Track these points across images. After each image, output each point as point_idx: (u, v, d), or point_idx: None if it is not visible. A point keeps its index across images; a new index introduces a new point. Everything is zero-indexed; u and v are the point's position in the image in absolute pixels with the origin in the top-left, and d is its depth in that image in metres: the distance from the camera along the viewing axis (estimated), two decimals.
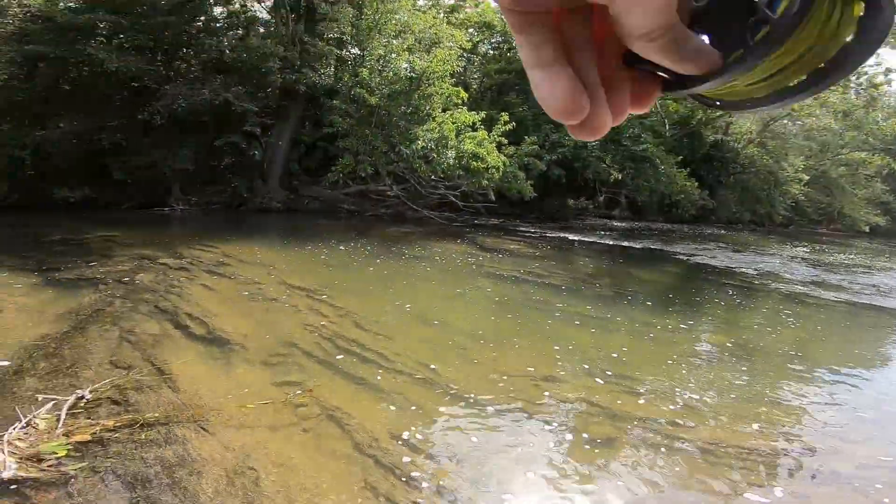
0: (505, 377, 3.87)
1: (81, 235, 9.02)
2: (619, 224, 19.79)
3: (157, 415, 2.80)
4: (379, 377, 3.68)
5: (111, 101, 13.43)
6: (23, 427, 2.49)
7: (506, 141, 14.56)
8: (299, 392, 3.27)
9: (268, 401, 3.13)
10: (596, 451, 2.95)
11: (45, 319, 4.44)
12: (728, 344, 5.26)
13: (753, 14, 0.34)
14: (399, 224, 13.89)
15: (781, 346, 5.29)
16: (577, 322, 5.55)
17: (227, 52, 14.28)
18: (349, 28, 14.28)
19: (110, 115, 12.87)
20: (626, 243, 13.70)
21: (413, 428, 3.02)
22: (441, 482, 2.53)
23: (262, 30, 15.58)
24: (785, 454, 3.06)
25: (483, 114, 14.28)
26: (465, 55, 16.74)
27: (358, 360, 3.95)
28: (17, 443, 2.35)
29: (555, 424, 3.24)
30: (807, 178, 27.94)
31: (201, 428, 2.73)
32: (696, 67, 0.31)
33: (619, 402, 3.60)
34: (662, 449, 3.00)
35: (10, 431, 2.44)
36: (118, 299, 5.15)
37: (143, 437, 2.59)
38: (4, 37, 12.44)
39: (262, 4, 15.98)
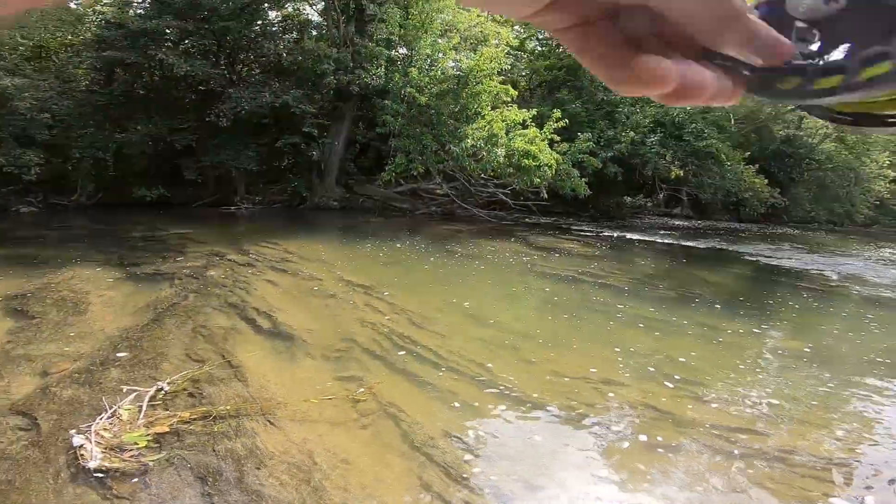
0: (562, 379, 3.78)
1: (158, 232, 9.69)
2: (680, 223, 18.91)
3: (228, 407, 2.95)
4: (434, 375, 3.69)
5: (182, 104, 14.31)
6: (108, 417, 2.68)
7: (558, 138, 14.25)
8: (361, 390, 3.34)
9: (329, 396, 3.22)
10: (659, 455, 2.84)
11: (127, 312, 4.80)
12: (805, 349, 4.90)
13: None
14: (449, 222, 13.94)
15: (864, 354, 4.86)
16: (640, 324, 5.35)
17: (285, 55, 14.83)
18: (397, 28, 14.45)
19: (181, 118, 13.72)
20: (688, 243, 13.07)
21: (468, 427, 3.01)
22: (496, 483, 2.50)
23: (314, 32, 16.06)
24: (862, 464, 2.83)
25: (534, 111, 14.05)
26: (512, 52, 16.52)
27: (413, 358, 3.99)
28: (103, 433, 2.52)
29: (615, 428, 3.14)
30: (893, 174, 25.56)
31: (268, 421, 2.85)
32: (769, 56, 0.30)
33: (684, 407, 3.44)
34: (731, 455, 2.84)
35: (97, 421, 2.63)
36: (192, 293, 5.48)
37: (215, 429, 2.73)
38: (84, 44, 13.55)
39: (314, 7, 16.46)
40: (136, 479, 2.30)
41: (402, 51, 15.44)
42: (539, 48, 20.17)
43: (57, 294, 5.24)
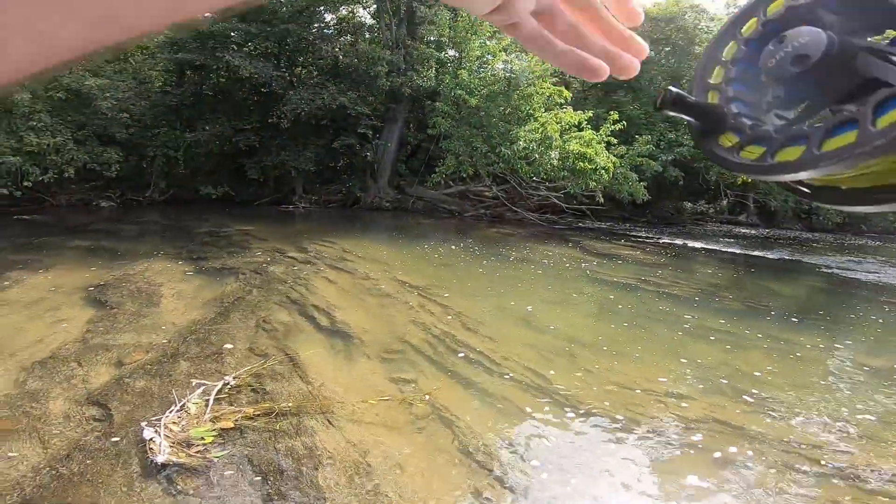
0: (622, 389, 3.62)
1: (223, 229, 10.18)
2: (745, 231, 17.84)
3: (289, 404, 3.01)
4: (488, 381, 3.63)
5: (246, 105, 14.97)
6: (177, 411, 2.78)
7: (615, 141, 13.81)
8: (417, 394, 3.33)
9: (385, 397, 3.23)
10: (724, 471, 2.68)
11: (196, 305, 5.04)
12: (889, 367, 4.49)
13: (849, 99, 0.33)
14: (499, 225, 13.81)
15: None
16: (706, 336, 5.06)
17: (341, 57, 15.21)
18: (447, 30, 14.47)
19: (245, 119, 14.36)
20: (756, 252, 12.30)
21: (522, 435, 2.94)
22: (549, 494, 2.42)
23: (368, 35, 16.38)
24: None
25: (589, 113, 13.68)
26: None
27: (467, 362, 3.95)
28: (172, 426, 2.61)
29: (677, 442, 2.97)
30: None
31: (328, 420, 2.88)
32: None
33: (753, 422, 3.23)
34: (801, 473, 2.65)
35: (167, 415, 2.73)
36: (255, 289, 5.70)
37: (277, 426, 2.78)
38: (158, 46, 14.43)
39: (367, 10, 16.77)
40: (200, 476, 2.36)
41: (452, 53, 15.46)
42: None
43: (133, 285, 5.58)
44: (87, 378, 3.28)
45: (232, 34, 13.94)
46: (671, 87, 0.44)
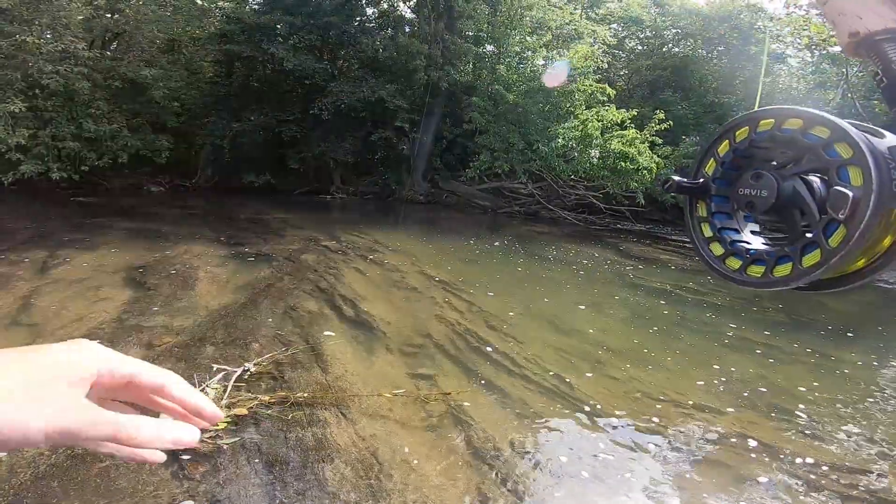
0: (648, 399, 3.48)
1: (262, 216, 10.48)
2: None
3: (305, 394, 3.03)
4: (507, 382, 3.56)
5: (289, 97, 15.30)
6: None
7: (660, 141, 13.32)
8: (434, 391, 3.30)
9: (400, 392, 3.22)
10: (750, 491, 2.53)
11: (229, 289, 5.18)
12: None
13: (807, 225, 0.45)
14: (532, 223, 13.58)
15: None
16: (744, 348, 4.80)
17: (381, 50, 15.31)
18: (485, 25, 14.29)
19: (288, 110, 14.69)
20: None
21: (537, 441, 2.86)
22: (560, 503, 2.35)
23: (407, 29, 16.41)
24: None
25: (634, 111, 13.23)
26: (609, 51, 15.70)
27: (487, 362, 3.89)
28: None
29: (702, 457, 2.84)
30: None
31: (341, 413, 2.89)
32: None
33: (786, 440, 3.04)
34: (835, 496, 2.49)
35: None
36: (287, 275, 5.81)
37: (290, 416, 2.81)
38: (209, 37, 14.92)
39: (407, 4, 16.78)
40: (208, 462, 2.39)
41: (491, 48, 15.29)
42: (640, 47, 18.95)
43: (171, 267, 5.80)
44: None
45: (278, 26, 14.25)
46: (674, 177, 0.61)
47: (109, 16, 12.85)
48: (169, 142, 13.10)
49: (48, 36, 10.84)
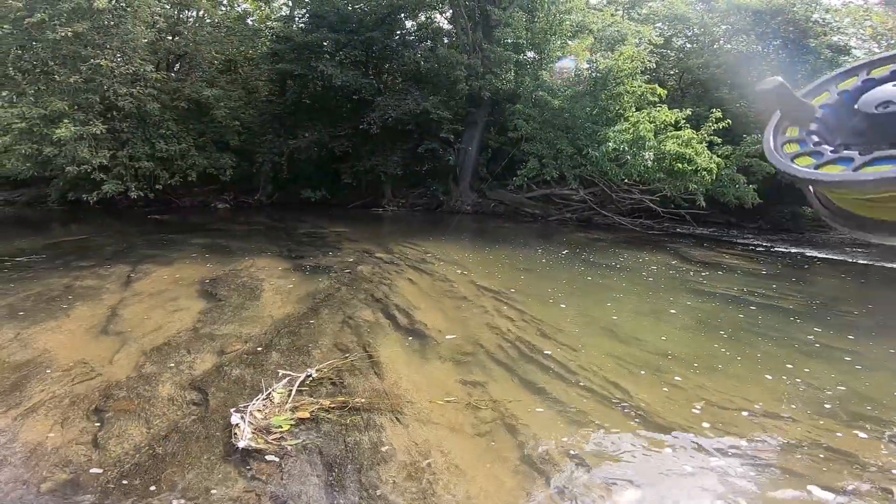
0: (712, 407, 3.32)
1: (319, 230, 10.94)
2: (878, 240, 15.51)
3: (363, 400, 3.15)
4: (561, 390, 3.50)
5: (340, 112, 15.91)
6: (263, 399, 3.01)
7: (719, 140, 12.70)
8: (485, 398, 3.32)
9: (452, 399, 3.26)
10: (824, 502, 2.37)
11: (291, 300, 5.45)
12: None
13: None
14: (586, 230, 13.29)
15: None
16: (820, 354, 4.49)
17: (422, 63, 15.60)
18: (524, 32, 14.23)
19: (340, 126, 15.26)
20: (892, 264, 10.67)
21: (591, 448, 2.78)
22: None
23: (446, 40, 16.67)
24: None
25: (687, 111, 12.71)
26: (656, 51, 15.18)
27: (539, 369, 3.85)
28: (257, 413, 2.83)
29: (770, 466, 2.68)
30: None
31: (396, 418, 2.97)
32: None
33: (868, 449, 2.84)
34: None
35: (253, 402, 2.97)
36: (344, 286, 6.04)
37: (349, 420, 2.92)
38: (262, 57, 15.75)
39: (444, 16, 17.03)
40: (273, 462, 2.53)
41: (531, 54, 15.22)
42: (689, 45, 18.20)
43: (239, 280, 6.18)
44: (192, 365, 3.68)
45: (324, 43, 14.87)
46: (778, 77, 0.58)
47: (171, 38, 13.86)
48: (232, 160, 13.93)
49: (118, 59, 11.70)
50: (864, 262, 10.72)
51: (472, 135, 15.83)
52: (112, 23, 10.71)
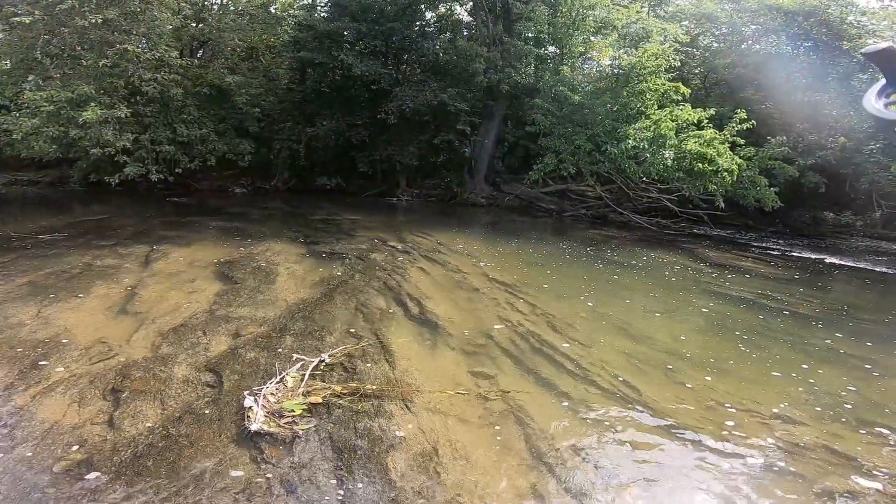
0: (721, 407, 3.31)
1: (334, 217, 11.02)
2: None
3: (374, 386, 3.19)
4: (570, 384, 3.51)
5: (358, 102, 15.90)
6: (276, 383, 3.05)
7: (742, 141, 12.45)
8: (494, 389, 3.34)
9: (462, 390, 3.28)
10: None
11: (306, 285, 5.51)
12: None
13: None
14: (600, 227, 13.18)
15: None
16: (833, 359, 4.43)
17: (441, 54, 15.52)
18: (546, 26, 14.04)
19: (357, 115, 15.27)
20: None
21: (599, 444, 2.80)
22: None
23: (465, 32, 16.52)
24: None
25: (711, 111, 12.47)
26: (681, 49, 14.89)
27: (549, 364, 3.85)
28: (270, 397, 2.87)
29: (777, 468, 2.67)
30: None
31: (406, 406, 3.01)
32: None
33: (875, 455, 2.82)
34: None
35: (267, 386, 3.01)
36: (358, 273, 6.10)
37: (359, 406, 2.96)
38: (283, 45, 15.79)
39: (464, 7, 16.86)
40: (284, 446, 2.57)
41: (553, 49, 15.02)
42: (716, 44, 17.81)
43: (255, 263, 6.26)
44: (208, 347, 3.74)
45: (345, 33, 14.85)
46: (888, 42, 0.65)
47: (195, 25, 13.97)
48: (251, 146, 14.06)
49: (144, 44, 11.79)
50: (886, 270, 10.48)
51: (488, 128, 15.74)
52: (139, 9, 10.79)
